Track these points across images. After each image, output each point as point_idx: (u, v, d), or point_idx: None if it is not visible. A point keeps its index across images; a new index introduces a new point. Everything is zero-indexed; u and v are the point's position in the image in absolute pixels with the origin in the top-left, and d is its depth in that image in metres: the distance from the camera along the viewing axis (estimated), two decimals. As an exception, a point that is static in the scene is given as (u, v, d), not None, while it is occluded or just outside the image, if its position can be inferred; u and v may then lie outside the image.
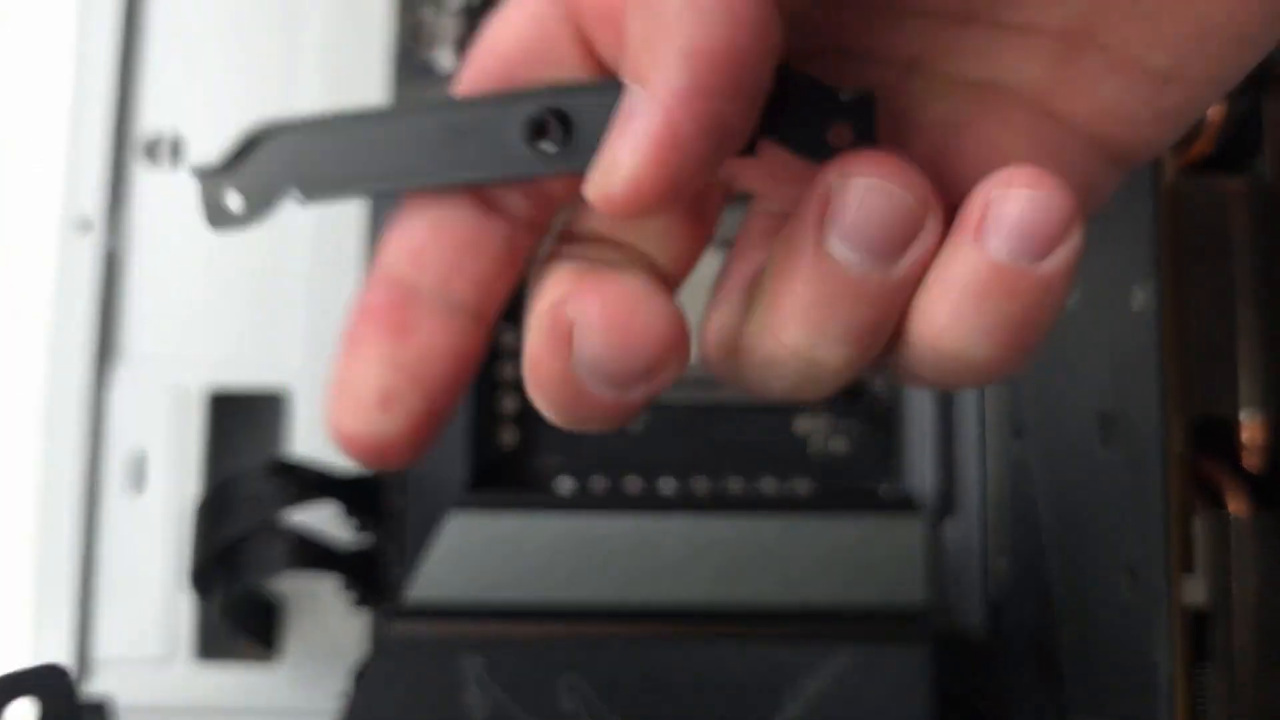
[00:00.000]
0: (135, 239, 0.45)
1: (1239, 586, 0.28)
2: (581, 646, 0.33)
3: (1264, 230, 0.29)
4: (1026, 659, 0.37)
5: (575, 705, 0.33)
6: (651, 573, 0.35)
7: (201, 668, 0.43)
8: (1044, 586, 0.35)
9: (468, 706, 0.33)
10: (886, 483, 0.43)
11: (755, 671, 0.33)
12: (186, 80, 0.46)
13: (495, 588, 0.35)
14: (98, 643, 0.43)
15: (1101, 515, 0.32)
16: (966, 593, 0.40)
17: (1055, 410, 0.35)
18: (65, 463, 0.43)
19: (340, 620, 0.42)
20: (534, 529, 0.36)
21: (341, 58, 0.46)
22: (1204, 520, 0.29)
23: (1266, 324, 0.29)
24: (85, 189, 0.44)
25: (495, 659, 0.33)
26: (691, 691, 0.33)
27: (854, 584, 0.35)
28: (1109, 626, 0.31)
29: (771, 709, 0.33)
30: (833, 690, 0.32)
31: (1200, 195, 0.29)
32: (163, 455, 0.43)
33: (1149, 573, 0.29)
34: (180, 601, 0.43)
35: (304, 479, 0.37)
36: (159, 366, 0.44)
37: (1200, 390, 0.29)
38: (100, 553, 0.43)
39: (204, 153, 0.45)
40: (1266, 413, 0.29)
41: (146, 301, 0.45)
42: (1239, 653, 0.28)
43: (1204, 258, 0.29)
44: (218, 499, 0.37)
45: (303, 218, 0.45)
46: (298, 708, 0.42)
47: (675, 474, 0.42)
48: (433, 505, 0.38)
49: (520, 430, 0.43)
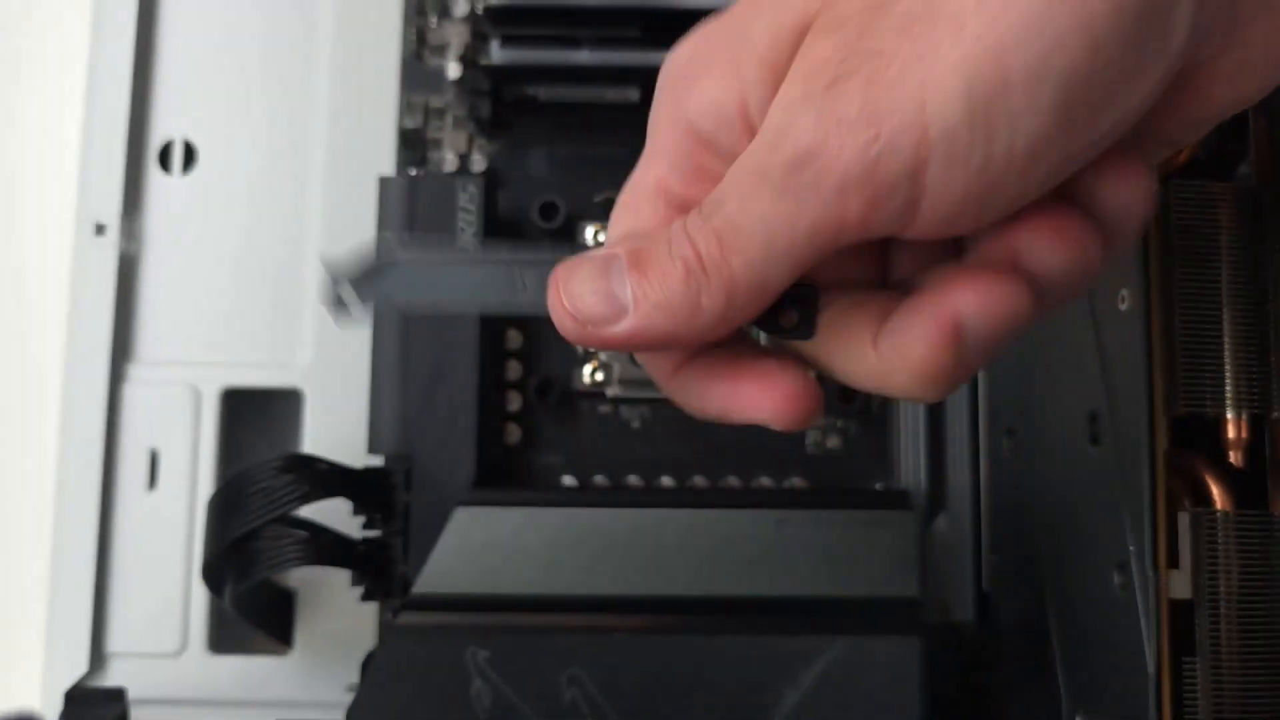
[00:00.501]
0: (149, 242, 0.46)
1: (1224, 581, 0.29)
2: (583, 639, 0.34)
3: (1249, 233, 0.30)
4: (1017, 653, 0.37)
5: (576, 696, 0.33)
6: (652, 566, 0.36)
7: (214, 660, 0.43)
8: (1034, 582, 0.35)
9: (473, 697, 0.33)
10: (881, 480, 0.43)
11: (754, 663, 0.33)
12: (199, 87, 0.47)
13: (500, 580, 0.36)
14: (112, 636, 0.43)
15: (1090, 512, 0.32)
16: (958, 588, 0.40)
17: (1044, 409, 0.35)
18: (81, 460, 0.44)
19: (350, 613, 0.43)
20: (538, 523, 0.36)
21: (352, 65, 0.46)
22: (1190, 516, 0.29)
23: (1250, 324, 0.30)
24: (100, 194, 0.45)
25: (499, 650, 0.34)
26: (692, 683, 0.33)
27: (849, 577, 0.36)
28: (1098, 621, 0.32)
29: (772, 699, 0.33)
30: (828, 680, 0.33)
31: (1187, 199, 0.30)
32: (176, 453, 0.44)
33: (1136, 568, 0.30)
34: (193, 595, 0.43)
35: (315, 474, 0.38)
36: (173, 366, 0.45)
37: (1186, 389, 0.29)
38: (115, 548, 0.44)
39: (215, 158, 0.46)
40: (1250, 411, 0.29)
41: (161, 303, 0.45)
42: (1224, 646, 0.28)
43: (1190, 260, 0.30)
44: (230, 493, 0.37)
45: (314, 218, 0.46)
46: (308, 699, 0.43)
47: (674, 473, 0.43)
48: (440, 500, 0.38)
49: (523, 429, 0.44)
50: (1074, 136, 0.21)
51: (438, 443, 0.40)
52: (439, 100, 0.46)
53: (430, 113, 0.46)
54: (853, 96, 0.21)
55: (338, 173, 0.46)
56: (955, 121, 0.20)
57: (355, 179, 0.45)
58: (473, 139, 0.46)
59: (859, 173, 0.21)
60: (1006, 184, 0.21)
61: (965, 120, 0.20)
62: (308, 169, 0.46)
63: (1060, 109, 0.20)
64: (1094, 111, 0.21)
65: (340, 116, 0.46)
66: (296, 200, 0.46)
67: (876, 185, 0.21)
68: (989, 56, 0.20)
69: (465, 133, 0.46)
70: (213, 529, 0.38)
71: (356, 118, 0.46)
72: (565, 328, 0.24)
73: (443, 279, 0.26)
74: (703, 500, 0.37)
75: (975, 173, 0.21)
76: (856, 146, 0.21)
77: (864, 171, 0.21)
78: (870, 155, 0.21)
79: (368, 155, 0.46)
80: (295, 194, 0.46)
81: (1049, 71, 0.20)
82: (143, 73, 0.46)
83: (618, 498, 0.40)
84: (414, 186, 0.42)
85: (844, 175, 0.21)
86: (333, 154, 0.46)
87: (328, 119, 0.46)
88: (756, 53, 0.23)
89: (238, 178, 0.46)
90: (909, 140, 0.20)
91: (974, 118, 0.20)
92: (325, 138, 0.46)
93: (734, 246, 0.22)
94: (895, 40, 0.21)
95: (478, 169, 0.45)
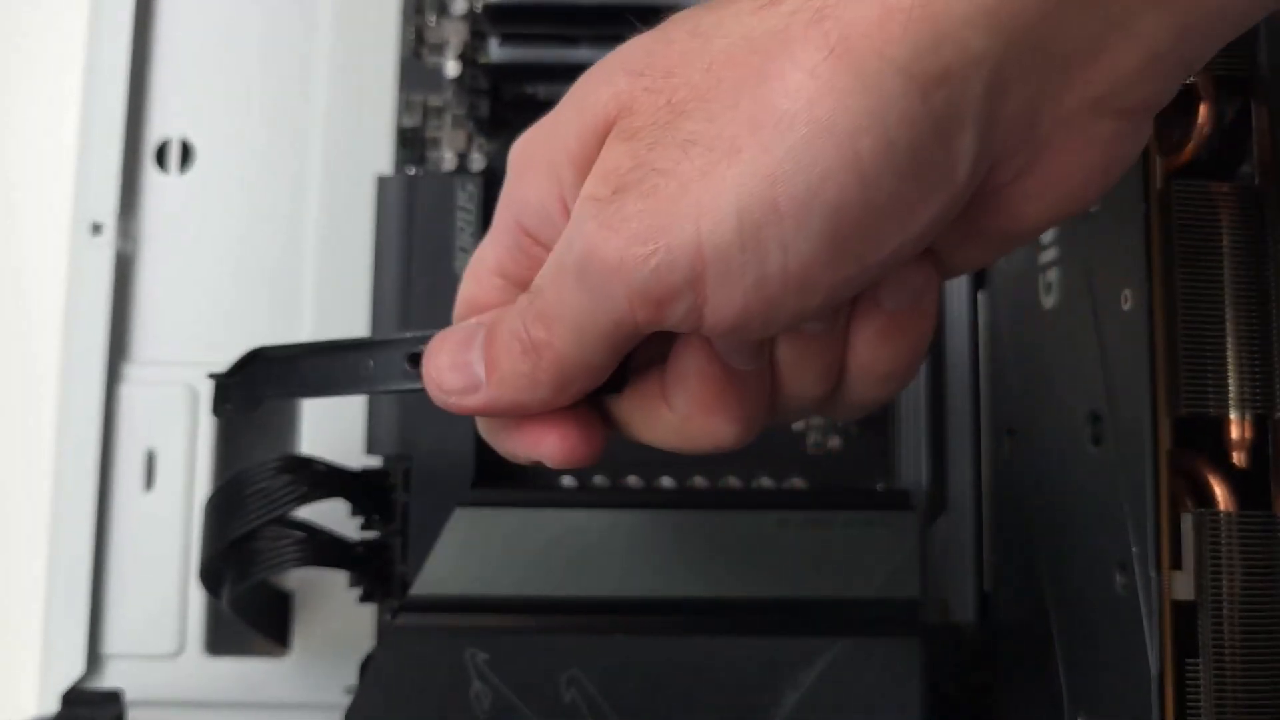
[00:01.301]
0: (146, 241, 0.46)
1: (1227, 582, 0.29)
2: (583, 640, 0.34)
3: (1251, 233, 0.30)
4: (1018, 653, 0.37)
5: (576, 698, 0.33)
6: (652, 567, 0.36)
7: (211, 661, 0.43)
8: (1035, 582, 0.35)
9: (472, 698, 0.33)
10: (881, 480, 0.43)
11: (755, 664, 0.33)
12: (197, 86, 0.46)
13: (499, 581, 0.36)
14: (109, 637, 0.43)
15: (1091, 512, 0.32)
16: (958, 588, 0.40)
17: (1046, 409, 0.35)
18: (78, 460, 0.44)
19: (348, 614, 0.43)
20: (537, 524, 0.36)
21: (351, 64, 0.46)
22: (1192, 517, 0.29)
23: (1253, 324, 0.29)
24: (97, 193, 0.45)
25: (498, 652, 0.33)
26: (691, 684, 0.33)
27: (850, 578, 0.36)
28: (1099, 622, 0.31)
29: (772, 699, 0.33)
30: (828, 681, 0.33)
31: (1189, 199, 0.30)
32: (173, 453, 0.44)
33: (1138, 569, 0.30)
34: (191, 596, 0.43)
35: (313, 474, 0.37)
36: (170, 366, 0.45)
37: (1189, 389, 0.29)
38: (112, 549, 0.44)
39: (213, 157, 0.46)
40: (1253, 411, 0.29)
41: (158, 303, 0.45)
42: (1227, 647, 0.28)
43: (1192, 260, 0.30)
44: (227, 494, 0.37)
45: (312, 217, 0.46)
46: (307, 701, 0.43)
47: (674, 473, 0.43)
48: (438, 501, 0.38)
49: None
50: (848, 262, 0.22)
51: (436, 443, 0.40)
52: (437, 99, 0.46)
53: (429, 111, 0.46)
54: (636, 208, 0.22)
55: (336, 172, 0.46)
56: (727, 241, 0.21)
57: (353, 178, 0.45)
58: (471, 138, 0.45)
59: (641, 280, 0.22)
60: (785, 301, 0.22)
61: (736, 242, 0.21)
62: (306, 168, 0.46)
63: (830, 236, 0.21)
64: (868, 239, 0.21)
65: (338, 115, 0.46)
66: (294, 200, 0.46)
67: (660, 291, 0.22)
68: (759, 184, 0.21)
69: (464, 131, 0.45)
70: (210, 530, 0.38)
71: (355, 116, 0.46)
72: (432, 396, 0.27)
73: (297, 370, 0.29)
74: (703, 501, 0.37)
75: (751, 289, 0.22)
76: (637, 257, 0.22)
77: (645, 280, 0.22)
78: (650, 266, 0.22)
79: (366, 154, 0.46)
80: (293, 193, 0.46)
81: (816, 202, 0.21)
82: (140, 71, 0.46)
83: (617, 498, 0.39)
84: (412, 185, 0.42)
85: (628, 281, 0.22)
86: (331, 153, 0.46)
87: (326, 118, 0.46)
88: (569, 152, 0.24)
89: (235, 177, 0.46)
90: (685, 256, 0.22)
91: (744, 240, 0.21)
92: (323, 136, 0.46)
93: (554, 331, 0.24)
94: (678, 158, 0.22)
95: (476, 168, 0.45)
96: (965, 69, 0.20)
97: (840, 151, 0.20)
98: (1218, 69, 0.30)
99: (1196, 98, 0.30)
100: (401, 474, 0.39)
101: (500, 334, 0.25)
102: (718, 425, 0.25)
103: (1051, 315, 0.35)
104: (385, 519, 0.40)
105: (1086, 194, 0.23)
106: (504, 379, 0.25)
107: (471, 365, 0.26)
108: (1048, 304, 0.35)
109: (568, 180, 0.24)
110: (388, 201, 0.41)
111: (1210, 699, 0.28)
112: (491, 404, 0.26)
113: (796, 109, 0.20)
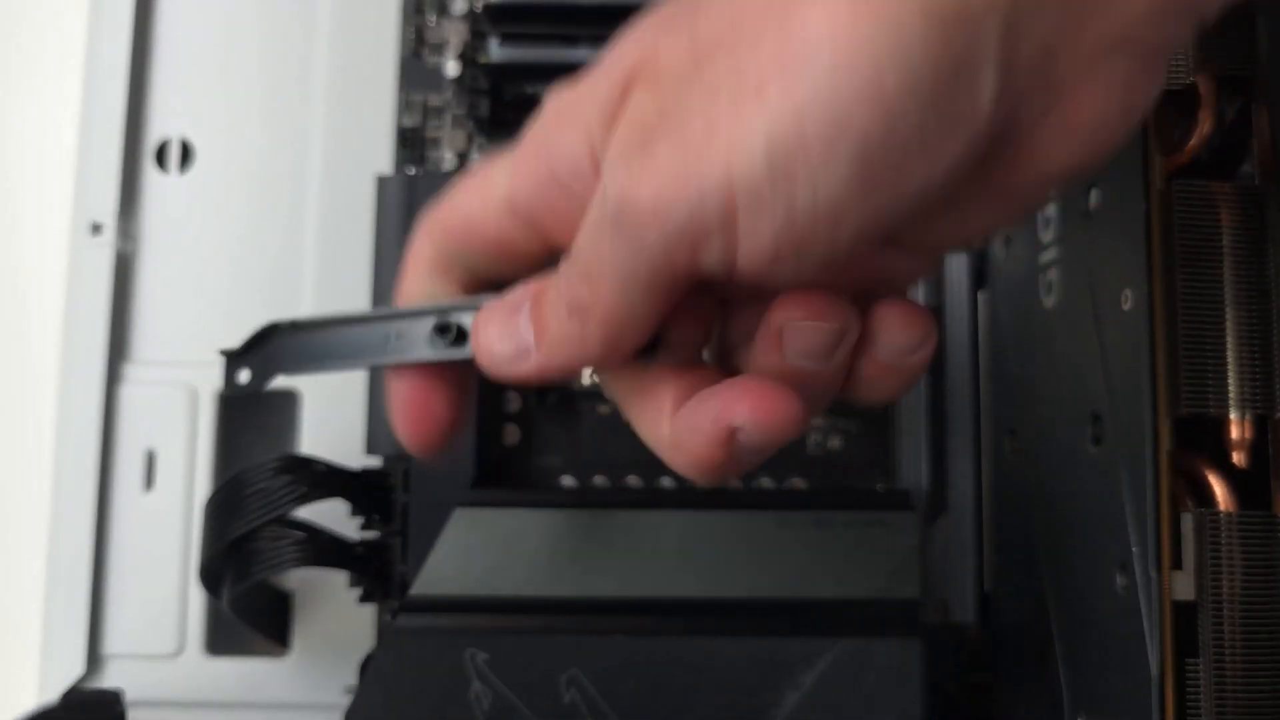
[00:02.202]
0: (146, 241, 0.46)
1: (1227, 582, 0.29)
2: (583, 641, 0.34)
3: (1251, 233, 0.30)
4: (1019, 653, 0.37)
5: (576, 698, 0.33)
6: (652, 567, 0.36)
7: (211, 662, 0.43)
8: (1035, 582, 0.35)
9: (472, 699, 0.33)
10: (881, 480, 0.43)
11: (755, 664, 0.33)
12: (197, 86, 0.46)
13: (499, 582, 0.36)
14: (109, 637, 0.43)
15: (1092, 512, 0.32)
16: (959, 588, 0.40)
17: (1046, 409, 0.35)
18: (78, 460, 0.44)
19: (348, 615, 0.43)
20: (537, 524, 0.36)
21: (350, 64, 0.46)
22: (1193, 517, 0.29)
23: (1253, 324, 0.29)
24: (97, 193, 0.45)
25: (498, 652, 0.33)
26: (692, 684, 0.33)
27: (850, 578, 0.36)
28: (1100, 622, 0.31)
29: (772, 700, 0.33)
30: (828, 681, 0.33)
31: (1190, 199, 0.30)
32: (173, 453, 0.44)
33: (1138, 569, 0.30)
34: (190, 596, 0.43)
35: (313, 475, 0.37)
36: (170, 366, 0.45)
37: (1189, 389, 0.29)
38: (111, 549, 0.44)
39: (213, 157, 0.46)
40: (1253, 411, 0.29)
41: (157, 303, 0.45)
42: (1227, 647, 0.28)
43: (1193, 260, 0.30)
44: (227, 494, 0.37)
45: (312, 217, 0.46)
46: (306, 702, 0.43)
47: (674, 473, 0.43)
48: (438, 501, 0.38)
49: (522, 430, 0.44)
50: (876, 196, 0.22)
51: (436, 443, 0.40)
52: (438, 99, 0.46)
53: (429, 111, 0.46)
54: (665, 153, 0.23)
55: (335, 172, 0.46)
56: (757, 179, 0.22)
57: (353, 178, 0.45)
58: (472, 137, 0.45)
59: (675, 224, 0.23)
60: (815, 238, 0.23)
61: (766, 178, 0.22)
62: (305, 168, 0.46)
63: (858, 169, 0.22)
64: (895, 172, 0.22)
65: (338, 115, 0.46)
66: (294, 199, 0.46)
67: (695, 233, 0.23)
68: (786, 121, 0.21)
69: (464, 131, 0.45)
70: (210, 530, 0.38)
71: (354, 116, 0.46)
72: (484, 367, 0.27)
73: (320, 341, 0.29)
74: (702, 501, 0.37)
75: (781, 225, 0.22)
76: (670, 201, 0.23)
77: (680, 223, 0.23)
78: (684, 209, 0.22)
79: (366, 154, 0.46)
80: (293, 193, 0.46)
81: (843, 133, 0.21)
82: (139, 71, 0.46)
83: (617, 499, 0.39)
84: (412, 185, 0.41)
85: (663, 226, 0.23)
86: (331, 153, 0.46)
87: (325, 117, 0.46)
88: (600, 110, 0.25)
89: (235, 177, 0.46)
90: (716, 196, 0.22)
91: (774, 175, 0.22)
92: (323, 136, 0.46)
93: (598, 287, 0.25)
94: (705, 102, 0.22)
95: (476, 168, 0.45)
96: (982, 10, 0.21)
97: (866, 86, 0.21)
98: (1218, 69, 0.30)
99: (1197, 97, 0.30)
100: (401, 474, 0.39)
101: (546, 298, 0.26)
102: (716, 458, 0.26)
103: (1052, 315, 0.35)
104: (385, 519, 0.40)
105: (1104, 139, 0.24)
106: (554, 342, 0.26)
107: (520, 333, 0.27)
108: (1048, 304, 0.35)
109: (598, 138, 0.25)
110: (388, 201, 0.41)
111: (1210, 699, 0.28)
112: (544, 368, 0.26)
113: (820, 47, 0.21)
